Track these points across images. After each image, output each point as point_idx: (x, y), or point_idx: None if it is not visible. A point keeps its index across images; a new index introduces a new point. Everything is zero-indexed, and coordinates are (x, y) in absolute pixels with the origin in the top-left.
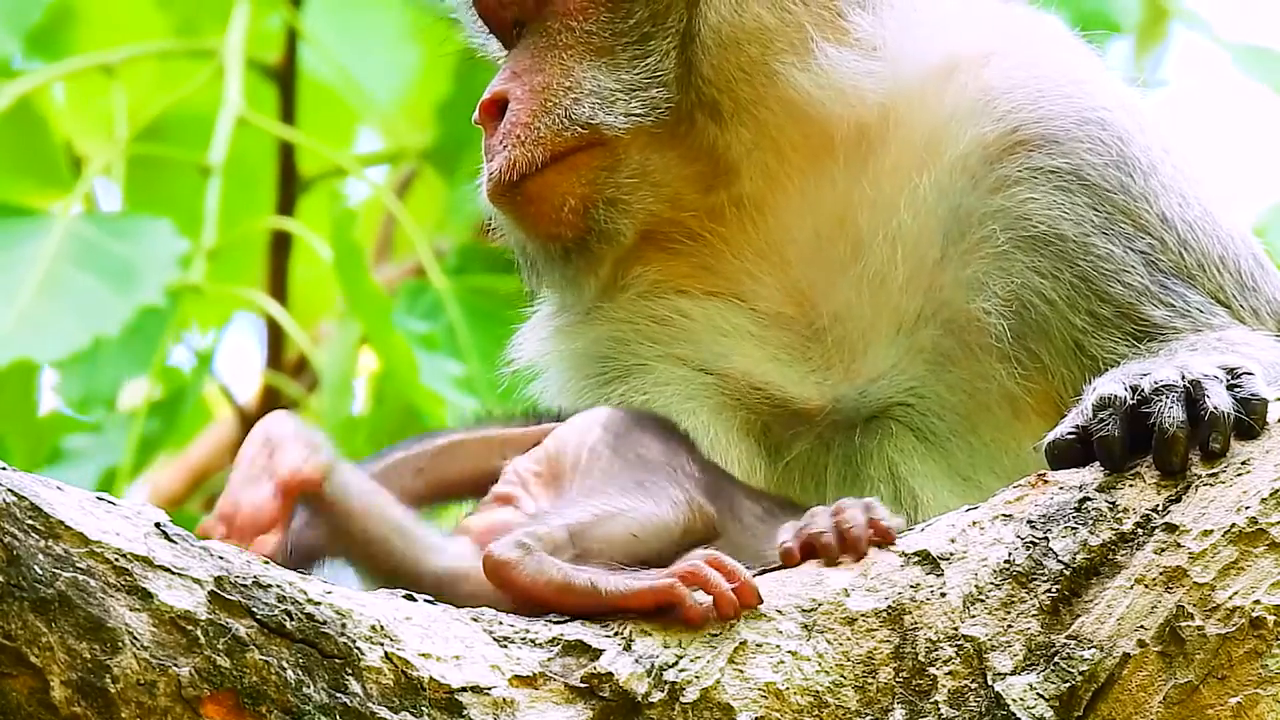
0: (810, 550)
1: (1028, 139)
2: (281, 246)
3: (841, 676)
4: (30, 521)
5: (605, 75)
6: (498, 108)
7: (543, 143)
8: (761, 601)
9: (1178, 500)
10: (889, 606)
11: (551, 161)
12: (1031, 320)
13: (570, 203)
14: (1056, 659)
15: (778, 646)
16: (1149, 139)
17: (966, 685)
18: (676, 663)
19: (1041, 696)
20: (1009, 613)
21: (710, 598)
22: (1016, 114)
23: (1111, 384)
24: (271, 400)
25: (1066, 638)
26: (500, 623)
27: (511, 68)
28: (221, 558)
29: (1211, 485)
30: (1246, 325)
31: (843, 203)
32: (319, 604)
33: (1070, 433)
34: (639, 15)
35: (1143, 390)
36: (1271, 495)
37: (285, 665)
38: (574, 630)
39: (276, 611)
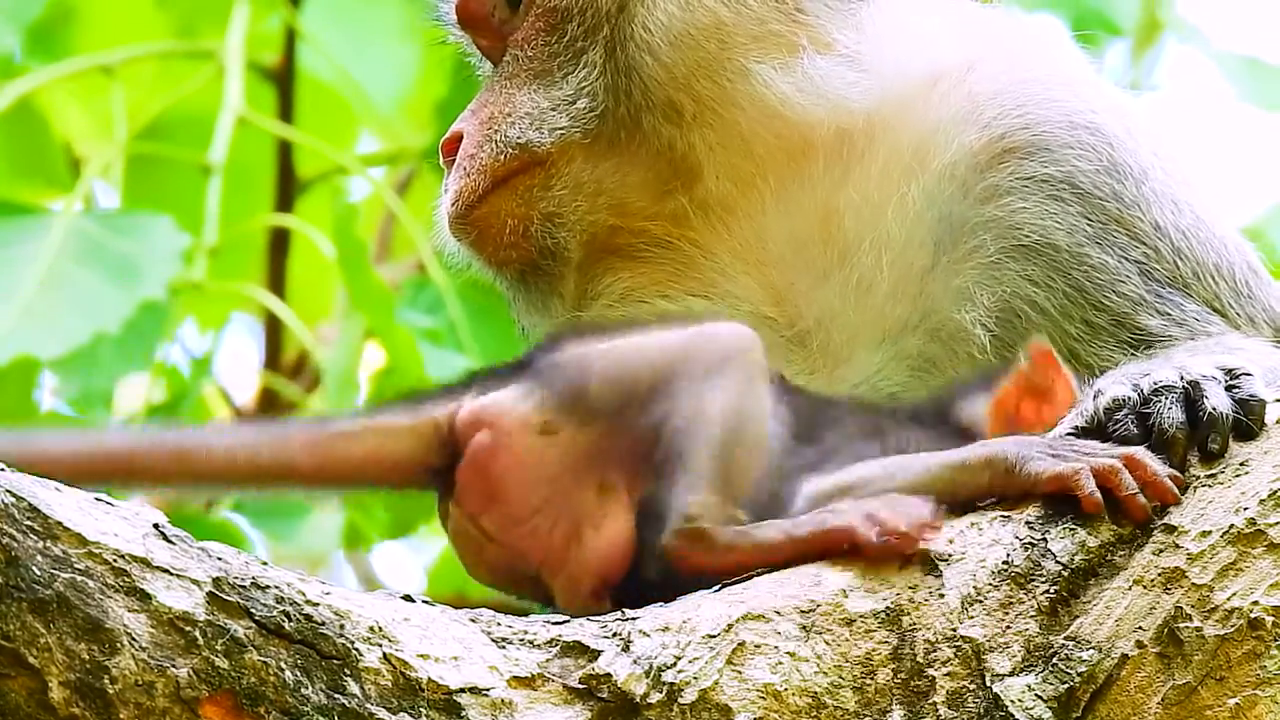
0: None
1: (1016, 146)
2: (281, 246)
3: (840, 677)
4: (28, 522)
5: (541, 96)
6: (455, 146)
7: (484, 170)
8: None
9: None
10: (887, 608)
11: (493, 188)
12: (1023, 329)
13: (510, 224)
14: (1055, 660)
15: (776, 647)
16: (1138, 142)
17: (965, 686)
18: (675, 663)
19: (1040, 698)
20: (1007, 614)
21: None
22: (1002, 120)
23: (1118, 385)
24: (269, 401)
25: (1065, 639)
26: (498, 624)
27: (471, 106)
28: (220, 559)
29: (1210, 486)
30: (1242, 332)
31: (824, 208)
32: (317, 605)
33: (1070, 433)
34: (572, 32)
35: (1142, 390)
36: (1270, 496)
37: (284, 666)
38: (572, 631)
39: (275, 612)
